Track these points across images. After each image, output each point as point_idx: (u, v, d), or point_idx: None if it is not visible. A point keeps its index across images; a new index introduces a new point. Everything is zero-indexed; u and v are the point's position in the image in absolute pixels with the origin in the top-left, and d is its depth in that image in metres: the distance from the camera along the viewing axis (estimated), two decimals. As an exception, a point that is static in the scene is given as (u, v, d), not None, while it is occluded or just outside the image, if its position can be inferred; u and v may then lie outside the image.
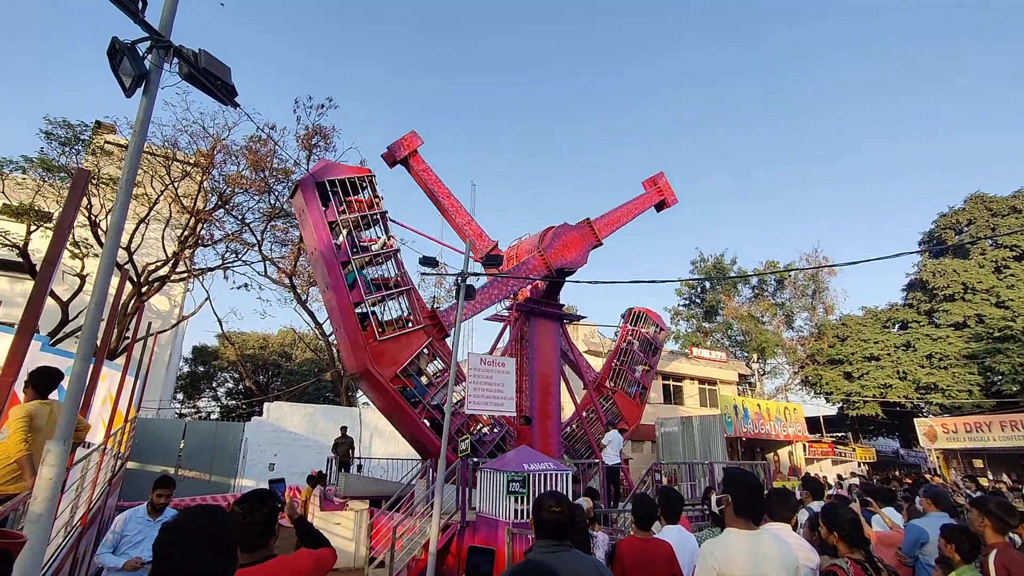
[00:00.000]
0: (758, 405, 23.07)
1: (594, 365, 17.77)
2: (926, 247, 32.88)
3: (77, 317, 16.44)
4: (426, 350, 11.20)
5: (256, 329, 41.94)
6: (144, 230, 17.83)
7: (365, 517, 10.98)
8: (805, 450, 24.92)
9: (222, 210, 20.05)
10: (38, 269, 3.60)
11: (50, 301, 14.58)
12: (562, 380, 14.68)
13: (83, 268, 16.82)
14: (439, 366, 11.55)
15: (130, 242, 17.02)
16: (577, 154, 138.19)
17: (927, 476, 18.03)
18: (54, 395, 4.25)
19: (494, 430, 11.77)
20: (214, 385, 38.51)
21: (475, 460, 9.69)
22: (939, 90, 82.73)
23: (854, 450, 28.01)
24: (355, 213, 11.19)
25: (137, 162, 3.42)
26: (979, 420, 24.16)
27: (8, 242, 16.27)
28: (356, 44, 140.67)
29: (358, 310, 10.60)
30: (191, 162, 18.75)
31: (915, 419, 27.11)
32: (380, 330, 10.64)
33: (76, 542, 4.84)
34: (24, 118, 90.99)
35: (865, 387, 30.02)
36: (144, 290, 17.93)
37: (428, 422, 10.82)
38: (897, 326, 32.81)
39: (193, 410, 35.06)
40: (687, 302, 39.78)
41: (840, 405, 32.63)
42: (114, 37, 3.28)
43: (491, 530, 7.66)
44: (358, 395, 25.48)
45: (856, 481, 17.48)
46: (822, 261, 34.61)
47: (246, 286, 23.12)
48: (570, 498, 4.71)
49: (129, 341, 10.85)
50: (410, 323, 11.16)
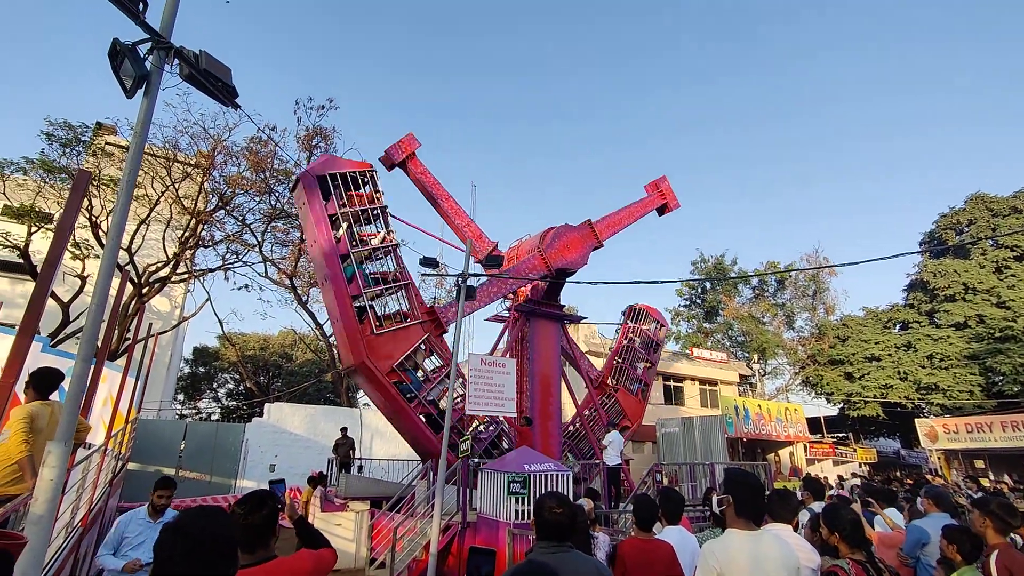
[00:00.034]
0: (759, 406, 23.00)
1: (595, 366, 17.76)
2: (927, 247, 32.84)
3: (78, 318, 16.47)
4: (423, 345, 11.19)
5: (257, 330, 42.00)
6: (145, 231, 17.85)
7: (366, 518, 10.96)
8: (806, 451, 24.86)
9: (223, 211, 20.08)
10: (39, 270, 3.59)
11: (51, 302, 14.58)
12: (563, 381, 14.68)
13: (84, 269, 16.84)
14: (436, 363, 11.54)
15: (131, 243, 17.03)
16: (576, 154, 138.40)
17: (928, 477, 18.01)
18: (55, 396, 4.25)
19: (489, 428, 11.76)
20: (215, 386, 38.53)
21: (475, 461, 9.68)
22: (937, 90, 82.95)
23: (855, 451, 27.95)
24: (355, 207, 11.19)
25: (138, 163, 3.43)
26: (980, 421, 24.11)
27: (9, 243, 16.30)
28: (354, 43, 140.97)
29: (356, 304, 10.59)
30: (192, 163, 18.78)
31: (916, 419, 27.06)
32: (377, 324, 10.63)
33: (77, 543, 4.84)
34: (24, 118, 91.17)
35: (866, 387, 29.98)
36: (145, 291, 17.95)
37: (424, 418, 10.82)
38: (898, 326, 32.78)
39: (194, 411, 35.07)
40: (688, 303, 39.73)
41: (841, 406, 32.60)
42: (115, 38, 3.29)
43: (492, 531, 7.66)
44: (359, 396, 25.49)
45: (857, 482, 17.45)
46: (822, 261, 34.54)
47: (247, 287, 23.16)
48: (571, 499, 4.71)
49: (130, 342, 10.86)
50: (408, 318, 11.15)
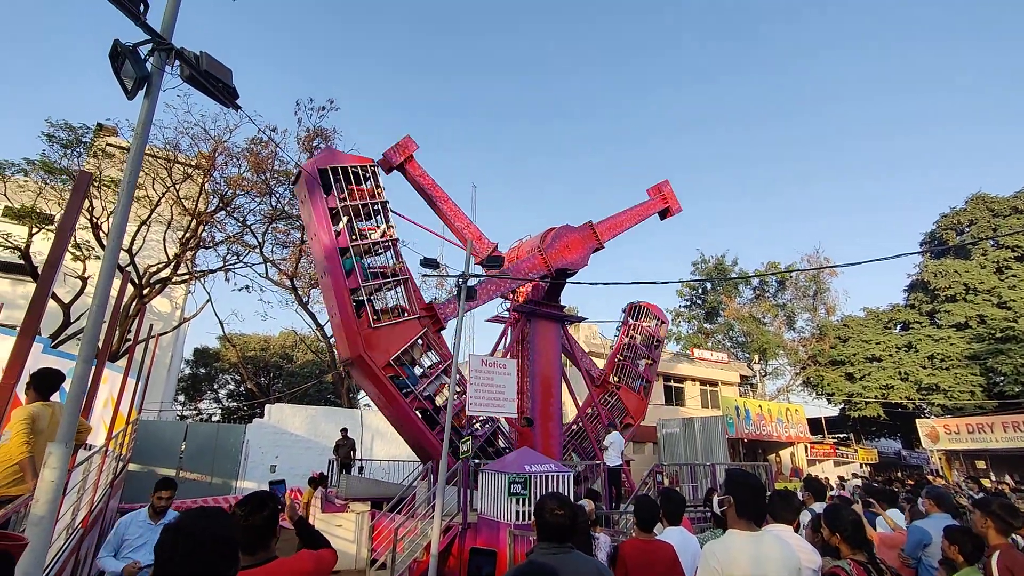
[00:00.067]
0: (759, 406, 22.99)
1: (596, 365, 17.75)
2: (927, 248, 32.82)
3: (79, 319, 16.46)
4: (420, 341, 11.19)
5: (257, 331, 41.97)
6: (146, 232, 17.86)
7: (366, 519, 10.94)
8: (807, 451, 24.84)
9: (223, 212, 20.09)
10: (40, 271, 3.60)
11: (52, 303, 14.59)
12: (564, 381, 14.67)
13: (85, 270, 16.85)
14: (434, 359, 11.54)
15: (131, 244, 17.05)
16: (577, 153, 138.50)
17: (929, 477, 17.97)
18: (56, 397, 4.25)
19: (485, 425, 11.76)
20: (215, 387, 38.54)
21: (476, 462, 9.67)
22: (938, 88, 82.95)
23: (856, 451, 27.93)
24: (356, 201, 11.21)
25: (139, 164, 3.44)
26: (981, 421, 24.09)
27: (10, 244, 16.30)
28: (355, 42, 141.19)
29: (355, 297, 10.59)
30: (192, 164, 18.80)
31: (917, 420, 27.05)
32: (375, 317, 10.64)
33: (78, 545, 4.84)
34: (24, 119, 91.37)
35: (867, 388, 29.97)
36: (145, 292, 17.95)
37: (420, 413, 10.82)
38: (899, 327, 32.76)
39: (194, 412, 35.07)
40: (688, 303, 39.72)
41: (842, 406, 32.58)
42: (116, 40, 3.29)
43: (493, 532, 7.66)
44: (360, 397, 25.50)
45: (858, 482, 17.43)
46: (823, 262, 34.51)
47: (247, 288, 23.20)
48: (572, 499, 4.70)
49: (131, 343, 10.88)
50: (406, 312, 11.16)
